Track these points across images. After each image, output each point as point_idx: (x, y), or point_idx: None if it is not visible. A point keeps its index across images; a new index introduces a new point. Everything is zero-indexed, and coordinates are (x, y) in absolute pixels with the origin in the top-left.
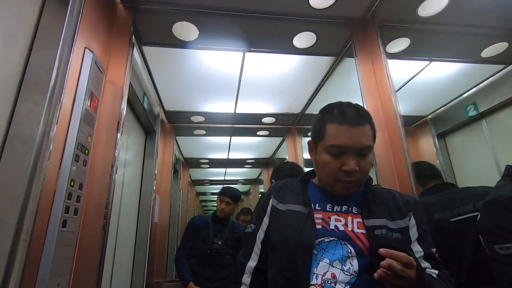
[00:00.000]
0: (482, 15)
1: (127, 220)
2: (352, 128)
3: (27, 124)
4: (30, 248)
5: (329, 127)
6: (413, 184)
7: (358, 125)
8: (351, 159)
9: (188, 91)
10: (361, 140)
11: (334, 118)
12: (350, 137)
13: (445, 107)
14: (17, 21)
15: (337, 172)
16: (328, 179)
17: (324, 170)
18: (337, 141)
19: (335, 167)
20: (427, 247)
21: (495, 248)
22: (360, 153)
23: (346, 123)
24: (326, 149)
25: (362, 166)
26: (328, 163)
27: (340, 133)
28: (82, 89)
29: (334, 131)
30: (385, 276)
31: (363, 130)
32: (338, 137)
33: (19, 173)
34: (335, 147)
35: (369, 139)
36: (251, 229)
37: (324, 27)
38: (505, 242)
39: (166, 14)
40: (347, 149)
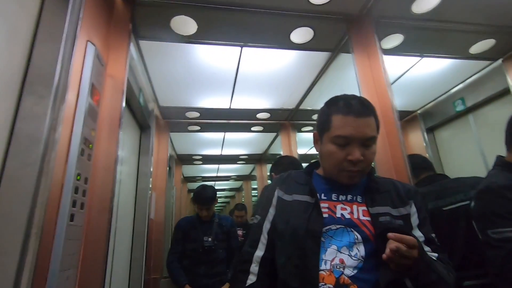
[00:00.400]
0: (472, 12)
1: (124, 217)
2: (357, 119)
3: (32, 118)
4: (41, 242)
5: (334, 118)
6: (410, 175)
7: (363, 116)
8: (356, 149)
9: (184, 87)
10: (366, 131)
11: (340, 109)
12: (355, 127)
13: (434, 102)
14: (19, 13)
15: (343, 161)
16: (333, 168)
17: (329, 160)
18: (343, 132)
19: (340, 156)
20: (427, 233)
21: (488, 232)
22: (364, 144)
23: (352, 114)
24: (331, 139)
25: (367, 156)
26: (333, 153)
27: (345, 124)
28: (86, 83)
29: (340, 121)
30: (393, 256)
31: (367, 121)
32: (343, 127)
33: (27, 168)
34: (341, 137)
35: (373, 130)
36: (256, 220)
37: (322, 22)
38: (497, 227)
39: (164, 8)
40: (352, 139)
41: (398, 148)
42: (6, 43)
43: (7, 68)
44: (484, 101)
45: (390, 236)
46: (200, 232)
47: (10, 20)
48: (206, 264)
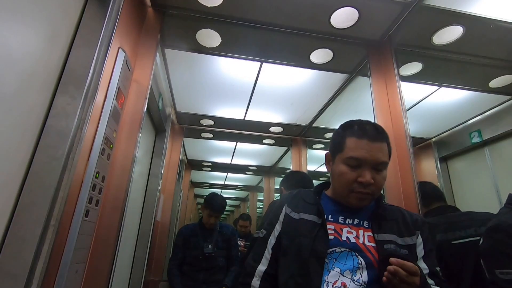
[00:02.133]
0: (493, 47)
1: (131, 216)
2: (370, 143)
3: (63, 116)
4: (57, 234)
5: (348, 140)
6: (419, 203)
7: (377, 141)
8: (368, 171)
9: (201, 95)
10: (378, 155)
11: (354, 132)
12: (368, 151)
13: (449, 132)
14: (61, 18)
15: (353, 183)
16: (343, 189)
17: (340, 180)
18: (356, 154)
19: (351, 178)
20: (432, 265)
21: (496, 272)
22: (376, 168)
23: (366, 138)
24: (344, 160)
25: (377, 180)
26: (345, 173)
27: (359, 146)
28: (113, 86)
29: (354, 144)
30: (391, 279)
31: (380, 146)
32: (357, 149)
33: (54, 162)
34: (353, 159)
35: (385, 156)
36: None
37: (342, 45)
38: (505, 268)
39: (192, 20)
40: (364, 162)
41: (409, 174)
42: (47, 45)
43: (45, 68)
44: (501, 136)
45: (392, 260)
46: (201, 239)
47: (53, 24)
48: (205, 271)
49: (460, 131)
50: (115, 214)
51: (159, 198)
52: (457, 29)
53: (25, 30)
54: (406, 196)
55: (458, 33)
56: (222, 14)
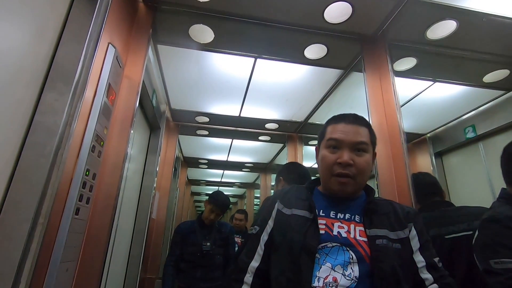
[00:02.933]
0: (487, 42)
1: (126, 214)
2: (347, 125)
3: (51, 113)
4: (46, 232)
5: (328, 127)
6: (412, 198)
7: (354, 123)
8: (346, 152)
9: (196, 92)
10: (355, 136)
11: (334, 119)
12: (345, 132)
13: (444, 127)
14: (48, 13)
15: (333, 165)
16: (325, 173)
17: (322, 165)
18: (333, 135)
19: (331, 160)
20: (429, 257)
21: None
22: (355, 149)
23: (343, 122)
24: (325, 145)
25: (357, 161)
26: (325, 156)
27: (337, 129)
28: (103, 83)
29: (332, 128)
30: None
31: (358, 129)
32: (334, 132)
33: (42, 160)
34: (331, 140)
35: (364, 137)
36: (255, 230)
37: (336, 41)
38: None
39: (185, 15)
40: (342, 143)
41: (403, 169)
42: (34, 40)
43: (32, 63)
44: (495, 130)
45: None
46: (199, 236)
47: (39, 19)
48: (203, 268)
49: (454, 126)
50: (107, 212)
51: (154, 196)
52: (451, 23)
53: (11, 25)
54: (400, 192)
55: (452, 28)
56: (215, 9)
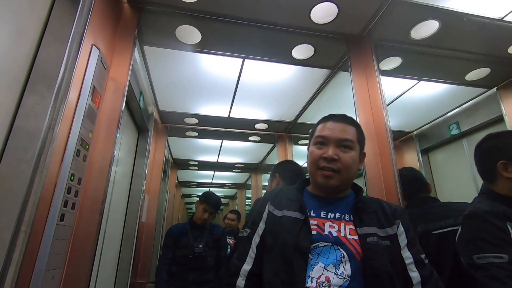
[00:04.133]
0: (468, 41)
1: (115, 218)
2: (334, 123)
3: (33, 116)
4: (29, 240)
5: (318, 126)
6: (400, 195)
7: (341, 122)
8: (331, 148)
9: (184, 93)
10: (341, 133)
11: (324, 118)
12: (331, 129)
13: (429, 125)
14: (28, 14)
15: (319, 159)
16: (312, 167)
17: (309, 159)
18: (321, 133)
19: (317, 154)
20: (417, 254)
21: (473, 258)
22: (341, 145)
23: (331, 120)
24: (313, 141)
25: (342, 157)
26: (312, 152)
27: (324, 127)
28: (87, 85)
29: (321, 126)
30: None
31: (345, 127)
32: (322, 130)
33: (23, 165)
34: (319, 137)
35: (350, 135)
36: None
37: (323, 41)
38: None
39: (170, 16)
40: (328, 139)
41: (390, 167)
42: (13, 41)
43: (12, 66)
44: (478, 127)
45: None
46: (191, 238)
47: (19, 20)
48: (195, 271)
49: (439, 123)
50: (93, 217)
51: (143, 199)
52: (433, 23)
53: None
54: (388, 189)
55: (435, 28)
56: (201, 9)
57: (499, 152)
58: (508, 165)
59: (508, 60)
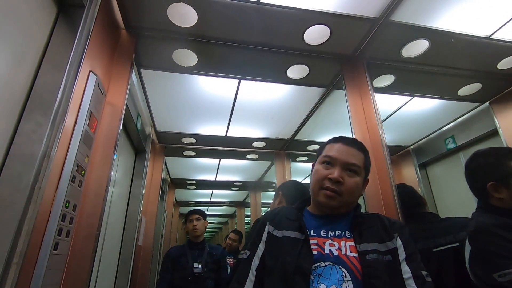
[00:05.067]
0: (458, 58)
1: (111, 242)
2: (344, 146)
3: (28, 144)
4: (21, 272)
5: (327, 145)
6: (399, 211)
7: (350, 146)
8: (337, 169)
9: (181, 113)
10: (349, 157)
11: (334, 139)
12: (340, 152)
13: (426, 139)
14: (27, 42)
15: (324, 179)
16: (315, 186)
17: (314, 178)
18: (329, 153)
19: (323, 174)
20: (416, 269)
21: (494, 276)
22: (347, 169)
23: (341, 142)
24: (320, 160)
25: (346, 181)
26: (318, 170)
27: (333, 148)
28: (84, 111)
29: (330, 147)
30: None
31: (354, 151)
32: (331, 150)
33: (17, 194)
34: (327, 157)
35: (358, 160)
36: (246, 255)
37: (317, 61)
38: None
39: (167, 41)
40: (335, 160)
41: (388, 182)
42: (11, 69)
43: (10, 94)
44: (474, 141)
45: None
46: (190, 259)
47: (18, 48)
48: None
49: (435, 138)
50: (88, 244)
51: (140, 220)
52: (423, 42)
53: None
54: (386, 204)
55: (425, 46)
56: (197, 34)
57: (488, 172)
58: (498, 186)
59: (498, 76)
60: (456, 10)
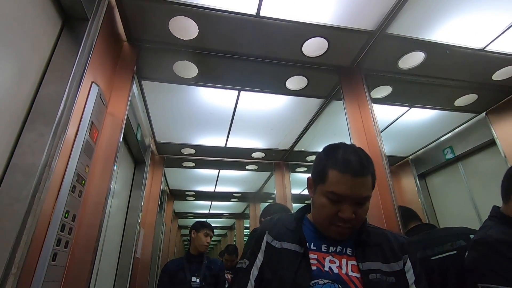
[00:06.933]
0: (454, 70)
1: (109, 254)
2: (353, 178)
3: (30, 154)
4: (18, 283)
5: (331, 172)
6: (400, 221)
7: (360, 176)
8: (349, 207)
9: (181, 124)
10: (360, 191)
11: (338, 164)
12: (350, 187)
13: (424, 149)
14: (31, 54)
15: (333, 217)
16: (323, 222)
17: (320, 213)
18: (337, 189)
19: (332, 212)
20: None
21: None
22: (358, 202)
23: (349, 173)
24: (325, 193)
25: (358, 214)
26: (325, 206)
27: (341, 182)
28: (86, 121)
29: (336, 178)
30: None
31: (364, 181)
32: (338, 185)
33: (17, 204)
34: (334, 194)
35: (369, 190)
36: (244, 264)
37: (315, 72)
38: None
39: (168, 53)
40: (346, 197)
41: (388, 193)
42: (15, 80)
43: (13, 104)
44: (472, 151)
45: None
46: (188, 272)
47: (22, 60)
48: None
49: (434, 148)
50: (87, 255)
51: (139, 232)
52: (419, 54)
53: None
54: (387, 215)
55: (421, 58)
56: (197, 46)
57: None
58: None
59: (494, 87)
60: (450, 23)
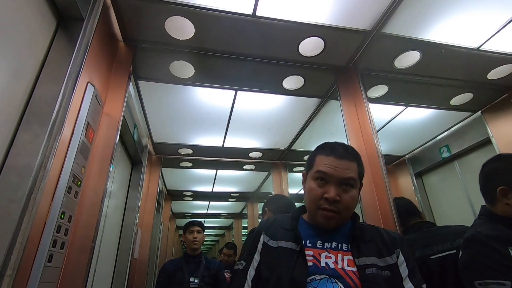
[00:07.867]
0: (449, 69)
1: (106, 255)
2: (337, 160)
3: (25, 155)
4: (14, 284)
5: (318, 157)
6: (396, 220)
7: (344, 159)
8: (333, 188)
9: (178, 125)
10: (344, 172)
11: (324, 150)
12: (333, 166)
13: (421, 148)
14: (26, 53)
15: (320, 199)
16: (311, 206)
17: (309, 196)
18: (322, 168)
19: (318, 193)
20: (418, 283)
21: (475, 284)
22: (343, 184)
23: (333, 155)
24: (313, 176)
25: (343, 198)
26: (313, 189)
27: (325, 162)
28: (81, 122)
29: (321, 160)
30: None
31: (347, 164)
32: (323, 165)
33: (12, 205)
34: (320, 172)
35: (352, 173)
36: (241, 266)
37: (312, 72)
38: (484, 278)
39: (165, 53)
40: (330, 177)
41: (385, 192)
42: (10, 80)
43: (7, 105)
44: (468, 149)
45: None
46: (187, 273)
47: (17, 60)
48: None
49: (430, 147)
50: (83, 256)
51: (136, 233)
52: (415, 53)
53: None
54: (383, 214)
55: (416, 58)
56: (194, 46)
57: (500, 176)
58: (507, 191)
59: (489, 86)
60: (445, 22)
